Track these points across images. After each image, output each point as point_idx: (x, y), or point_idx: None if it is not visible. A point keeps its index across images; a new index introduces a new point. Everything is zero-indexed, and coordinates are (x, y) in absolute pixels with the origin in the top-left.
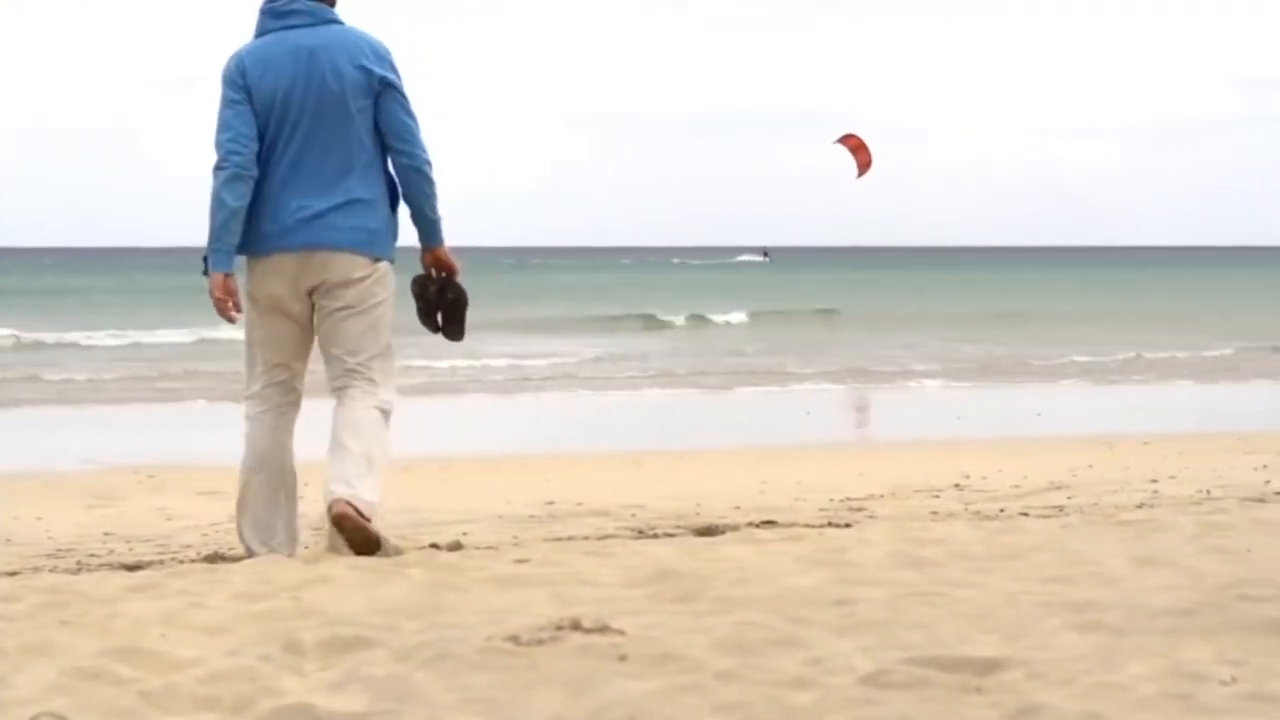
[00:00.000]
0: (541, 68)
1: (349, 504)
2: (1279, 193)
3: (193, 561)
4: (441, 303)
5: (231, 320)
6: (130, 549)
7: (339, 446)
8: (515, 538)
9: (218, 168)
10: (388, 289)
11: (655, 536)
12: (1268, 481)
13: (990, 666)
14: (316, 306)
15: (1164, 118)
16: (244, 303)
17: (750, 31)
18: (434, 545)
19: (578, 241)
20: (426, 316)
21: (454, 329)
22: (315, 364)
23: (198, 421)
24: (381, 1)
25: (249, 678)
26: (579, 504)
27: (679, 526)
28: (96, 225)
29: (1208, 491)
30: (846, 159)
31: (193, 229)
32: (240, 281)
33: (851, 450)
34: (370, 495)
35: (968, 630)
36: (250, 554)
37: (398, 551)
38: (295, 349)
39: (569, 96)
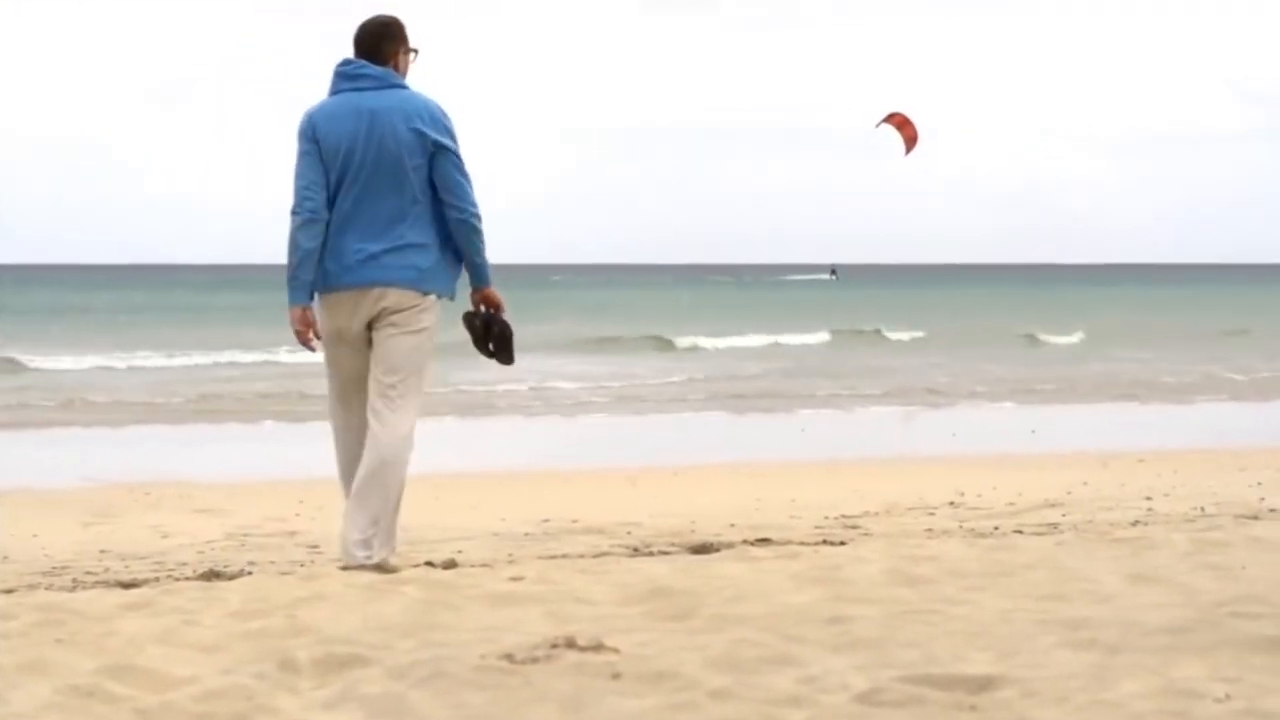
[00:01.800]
0: (541, 78)
1: (362, 565)
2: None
3: (188, 579)
4: (489, 335)
5: (311, 349)
6: (126, 566)
7: (362, 496)
8: (510, 555)
9: (294, 212)
10: (432, 319)
11: (650, 554)
12: (1263, 499)
13: (985, 684)
14: (371, 334)
15: (1163, 129)
16: (320, 337)
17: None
18: (429, 563)
19: (588, 258)
20: (479, 344)
21: (504, 355)
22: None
23: (193, 440)
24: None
25: (244, 696)
26: (574, 521)
27: (674, 544)
28: (70, 240)
29: (1202, 509)
30: (889, 143)
31: (171, 245)
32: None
33: (846, 467)
34: (381, 549)
35: (962, 648)
36: (352, 560)
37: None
38: (361, 371)
39: (570, 107)
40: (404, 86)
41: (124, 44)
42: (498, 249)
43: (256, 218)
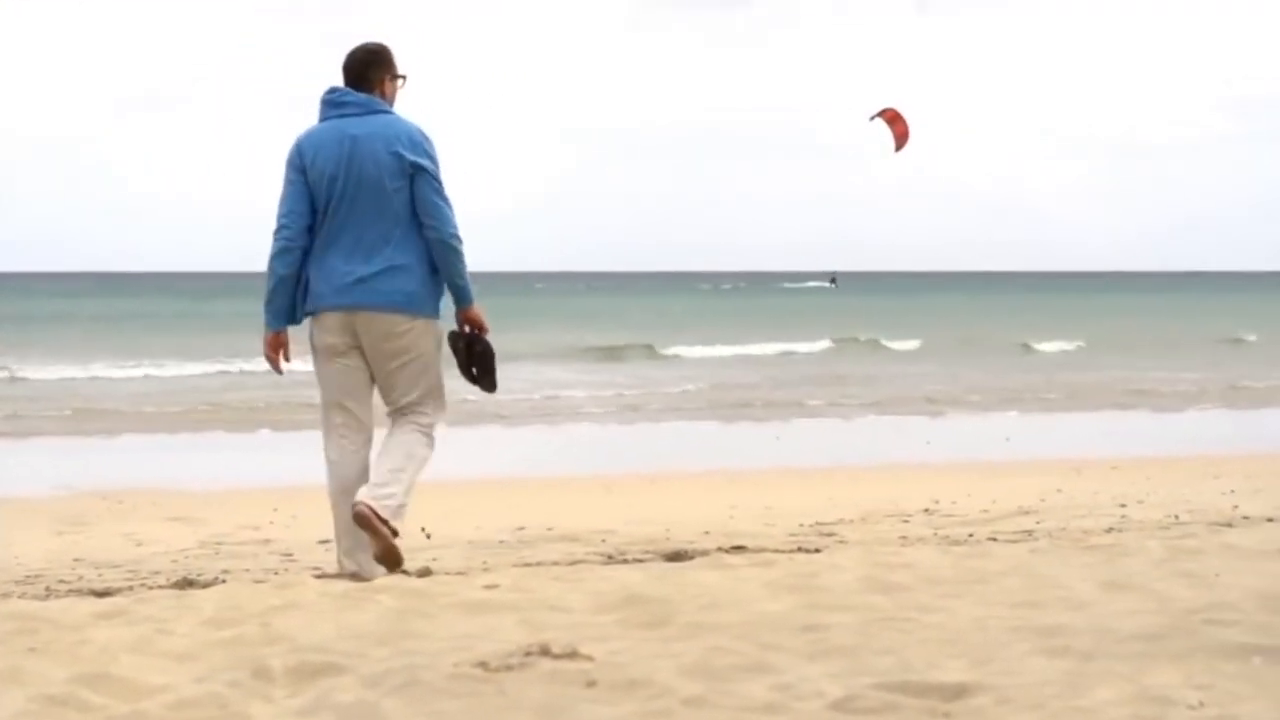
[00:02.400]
0: (538, 80)
1: (368, 505)
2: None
3: (162, 588)
4: (471, 355)
5: (279, 372)
6: (99, 575)
7: (386, 452)
8: (485, 563)
9: (274, 236)
10: (429, 338)
11: (625, 562)
12: (1236, 506)
13: (959, 692)
14: (369, 357)
15: (1153, 136)
16: (312, 357)
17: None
18: (403, 571)
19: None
20: (464, 369)
21: (487, 380)
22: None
23: (167, 448)
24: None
25: (218, 704)
26: (549, 529)
27: (648, 552)
28: (55, 248)
29: (1176, 516)
30: (881, 142)
31: (157, 253)
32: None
33: (821, 475)
34: (390, 500)
35: (936, 655)
36: (344, 572)
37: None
38: (354, 390)
39: (567, 109)
40: (388, 112)
41: (116, 46)
42: (497, 254)
43: (249, 224)
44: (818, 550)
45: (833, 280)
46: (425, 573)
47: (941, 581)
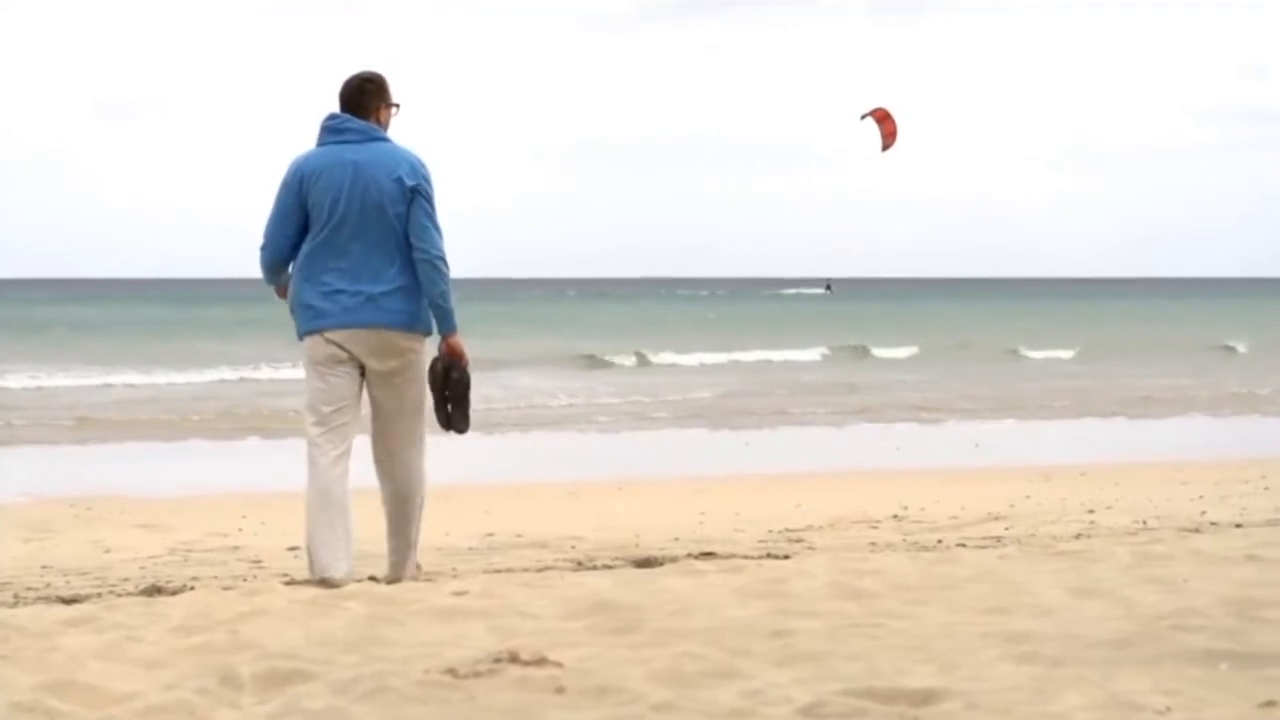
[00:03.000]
0: (519, 90)
1: (396, 581)
2: (1233, 224)
3: (130, 595)
4: (447, 383)
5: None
6: (67, 582)
7: (396, 522)
8: (454, 569)
9: (260, 251)
10: (426, 357)
11: (594, 568)
12: (1204, 512)
13: (927, 697)
14: (368, 372)
15: (1117, 145)
16: (304, 366)
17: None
18: (372, 578)
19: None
20: (439, 405)
21: (460, 415)
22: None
23: (135, 455)
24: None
25: (186, 711)
26: (518, 535)
27: (618, 558)
28: (18, 255)
29: (1144, 522)
30: (864, 142)
31: (124, 260)
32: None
33: (790, 481)
34: (409, 569)
35: (905, 661)
36: (316, 577)
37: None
38: (343, 401)
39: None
40: (386, 139)
41: (78, 58)
42: (481, 259)
43: (220, 231)
44: (787, 556)
45: (828, 286)
46: (394, 579)
47: (910, 587)
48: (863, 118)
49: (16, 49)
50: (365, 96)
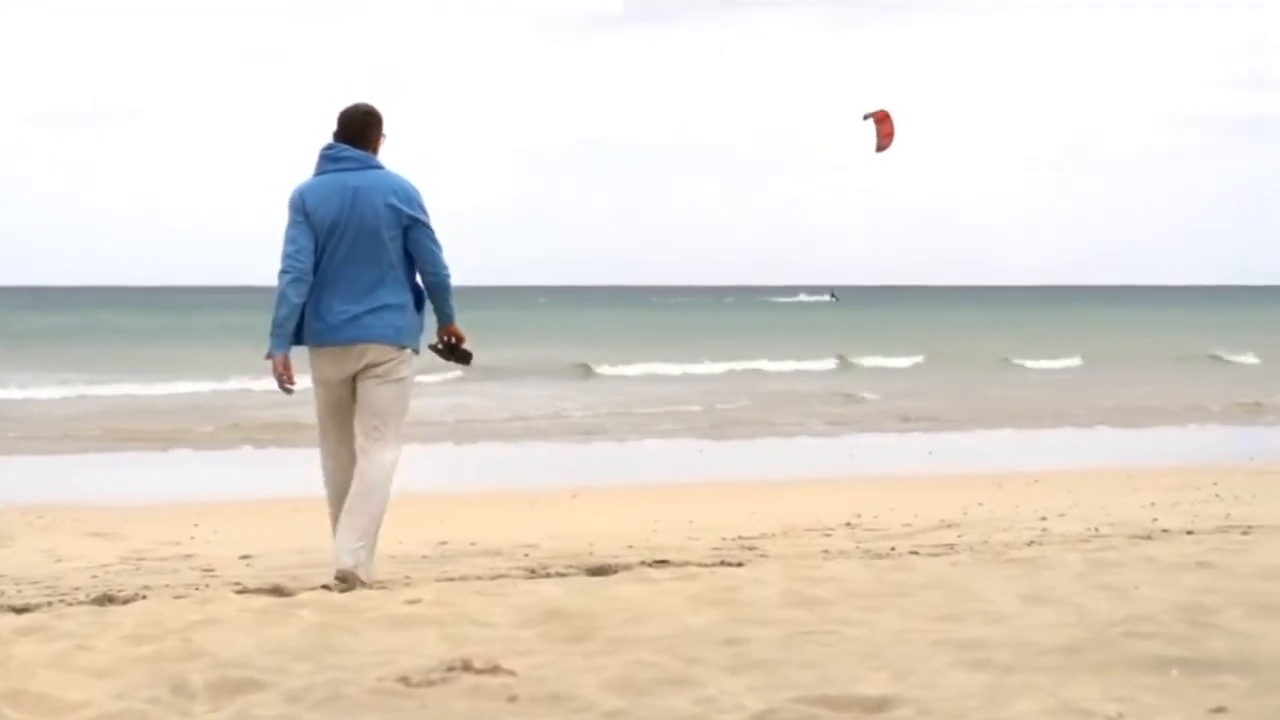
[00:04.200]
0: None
1: (353, 574)
2: (1196, 230)
3: (81, 603)
4: (453, 353)
5: (288, 392)
6: (19, 591)
7: (352, 512)
8: (407, 578)
9: (283, 271)
10: (409, 369)
11: (548, 576)
12: (1155, 519)
13: (880, 705)
14: (356, 381)
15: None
16: (311, 379)
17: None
18: (325, 586)
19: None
20: (444, 356)
21: (463, 355)
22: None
23: (87, 464)
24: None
25: None
26: (472, 544)
27: (571, 566)
28: None
29: (1096, 529)
30: (864, 137)
31: (80, 267)
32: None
33: (744, 489)
34: (369, 562)
35: (858, 668)
36: (343, 570)
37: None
38: (345, 413)
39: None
40: (381, 167)
41: (32, 65)
42: (469, 266)
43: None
44: (740, 564)
45: (833, 295)
46: (345, 573)
47: (863, 595)
48: (865, 117)
49: None
50: (367, 128)
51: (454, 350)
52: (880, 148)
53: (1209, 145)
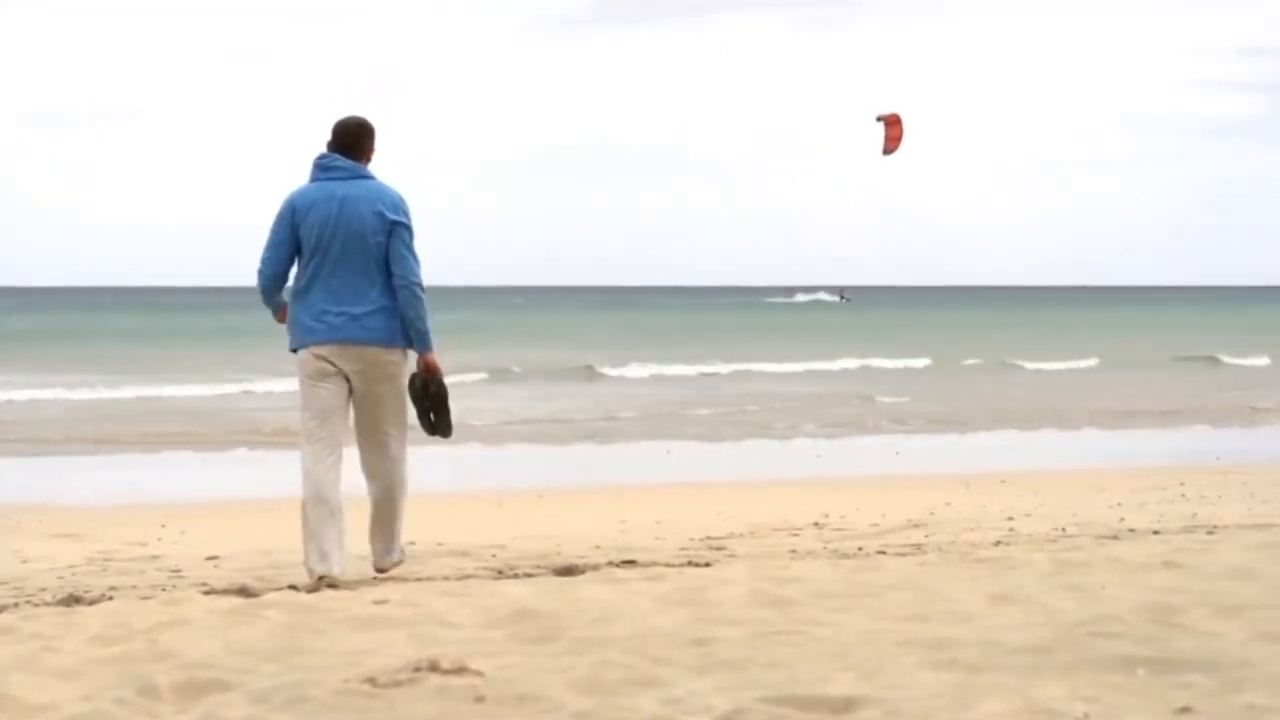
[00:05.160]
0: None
1: (385, 569)
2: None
3: (48, 605)
4: (426, 395)
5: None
6: None
7: (380, 519)
8: (374, 578)
9: (257, 275)
10: (406, 367)
11: (515, 576)
12: (1122, 519)
13: (847, 705)
14: (353, 384)
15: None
16: (299, 381)
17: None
18: (292, 586)
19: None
20: (422, 416)
21: (442, 423)
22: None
23: (53, 466)
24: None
25: None
26: (439, 544)
27: (539, 566)
28: None
29: (1063, 529)
30: (872, 139)
31: (50, 267)
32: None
33: (712, 489)
34: (396, 558)
35: (825, 669)
36: (312, 575)
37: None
38: (333, 411)
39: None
40: (370, 176)
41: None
42: (446, 266)
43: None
44: (708, 564)
45: (843, 296)
46: (315, 588)
47: (830, 595)
48: (878, 119)
49: None
50: (362, 140)
51: (428, 392)
52: (886, 151)
53: (1172, 149)
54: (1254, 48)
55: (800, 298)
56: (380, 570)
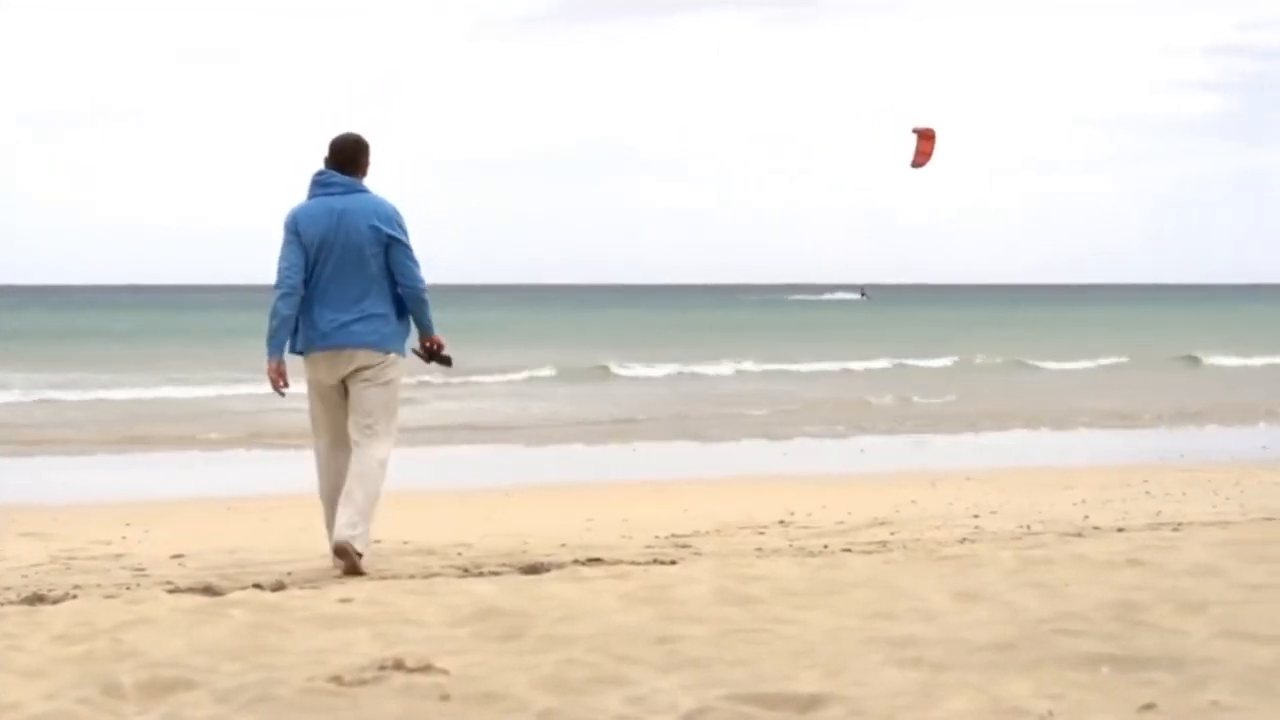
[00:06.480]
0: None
1: (349, 544)
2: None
3: (11, 604)
4: (433, 357)
5: (281, 394)
6: None
7: (350, 494)
8: (339, 577)
9: (277, 286)
10: (397, 371)
11: (481, 574)
12: (1086, 516)
13: (812, 703)
14: (348, 385)
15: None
16: (306, 382)
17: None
18: (257, 585)
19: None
20: (426, 359)
21: (444, 359)
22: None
23: (17, 466)
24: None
25: None
26: (404, 543)
27: (505, 564)
28: None
29: (1028, 526)
30: (901, 150)
31: (42, 267)
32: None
33: (677, 487)
34: (364, 536)
35: (790, 667)
36: (340, 537)
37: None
38: (338, 415)
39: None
40: (365, 190)
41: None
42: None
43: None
44: (673, 562)
45: (863, 293)
46: (279, 587)
47: (796, 593)
48: (914, 131)
49: None
50: (358, 156)
51: (434, 355)
52: (915, 164)
53: (1149, 149)
54: (1228, 46)
55: (798, 298)
56: (338, 550)
